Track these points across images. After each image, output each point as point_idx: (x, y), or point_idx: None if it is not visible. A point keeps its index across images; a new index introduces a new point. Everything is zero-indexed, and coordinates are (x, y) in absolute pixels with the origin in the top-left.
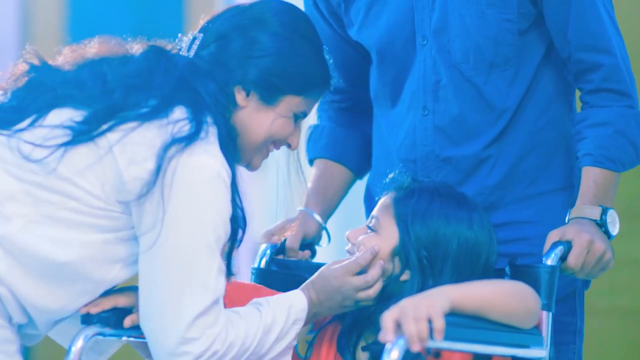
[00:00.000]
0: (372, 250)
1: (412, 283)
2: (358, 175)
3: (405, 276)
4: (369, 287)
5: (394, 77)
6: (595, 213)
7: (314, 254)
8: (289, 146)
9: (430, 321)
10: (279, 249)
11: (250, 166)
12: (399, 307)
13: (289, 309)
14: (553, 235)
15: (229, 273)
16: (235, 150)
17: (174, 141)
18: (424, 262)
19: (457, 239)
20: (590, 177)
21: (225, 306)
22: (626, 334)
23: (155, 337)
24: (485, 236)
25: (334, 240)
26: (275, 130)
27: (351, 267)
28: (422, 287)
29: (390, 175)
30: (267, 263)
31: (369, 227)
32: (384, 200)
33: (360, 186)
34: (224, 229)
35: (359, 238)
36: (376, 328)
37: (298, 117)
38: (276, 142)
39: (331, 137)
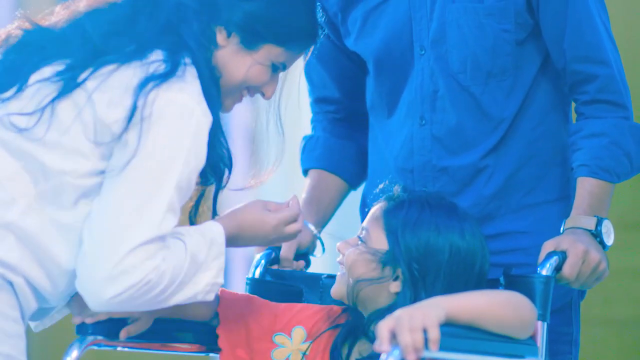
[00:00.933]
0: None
1: (405, 295)
2: (352, 186)
3: (395, 287)
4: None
5: (391, 87)
6: (591, 223)
7: (308, 264)
8: (263, 95)
9: (425, 331)
10: (274, 259)
11: (223, 107)
12: (394, 317)
13: (210, 241)
14: (548, 246)
15: (214, 214)
16: (218, 90)
17: (150, 79)
18: (415, 274)
19: (449, 249)
20: (586, 187)
21: (219, 316)
22: (621, 343)
23: (92, 262)
24: (478, 245)
25: (328, 250)
26: (251, 76)
27: (285, 216)
28: (415, 299)
29: (381, 186)
30: (262, 273)
31: (360, 239)
32: (374, 211)
33: (354, 196)
34: (195, 167)
35: (345, 252)
36: (369, 339)
37: (277, 67)
38: (250, 89)
39: (326, 148)
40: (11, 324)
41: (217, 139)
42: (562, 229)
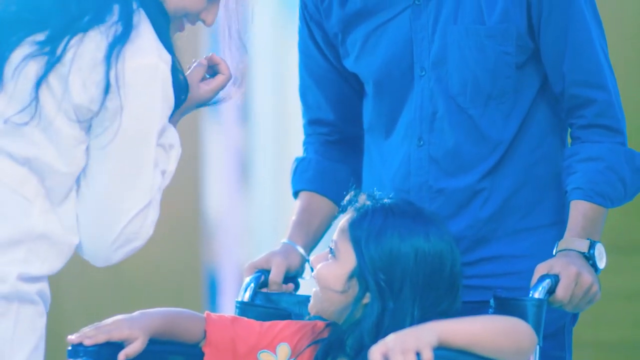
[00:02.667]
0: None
1: (372, 307)
2: (343, 209)
3: (367, 299)
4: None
5: (390, 108)
6: (583, 246)
7: (297, 286)
8: (204, 22)
9: (418, 354)
10: (263, 283)
11: None
12: (385, 342)
13: (169, 146)
14: (540, 269)
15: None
16: (167, 20)
17: (112, 46)
18: (381, 285)
19: (414, 253)
20: (579, 210)
21: (206, 337)
22: None
23: (94, 235)
24: (445, 247)
25: None
26: (187, 3)
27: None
28: (383, 310)
29: (348, 197)
30: (251, 296)
31: (331, 251)
32: (342, 223)
33: None
34: (168, 113)
35: (317, 266)
36: (346, 354)
37: None
38: (189, 17)
39: (317, 170)
40: (42, 343)
41: (174, 68)
42: (554, 251)
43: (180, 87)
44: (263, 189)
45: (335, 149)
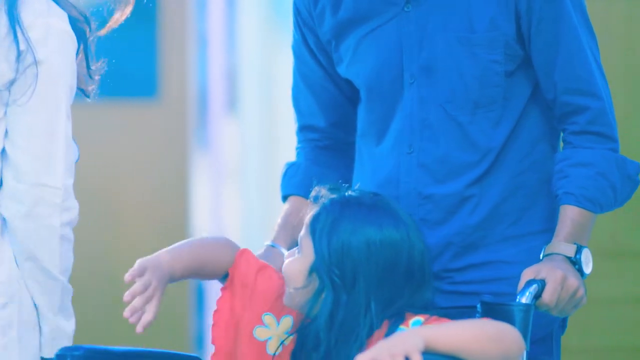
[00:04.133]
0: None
1: (326, 300)
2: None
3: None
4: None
5: (381, 115)
6: (570, 250)
7: None
8: None
9: (407, 358)
10: None
11: None
12: (373, 349)
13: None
14: (527, 274)
15: (89, 68)
16: None
17: (10, 16)
18: (334, 278)
19: (367, 244)
20: (568, 215)
21: (228, 277)
22: None
23: (36, 195)
24: (400, 236)
25: None
26: None
27: None
28: (336, 303)
29: (313, 193)
30: None
31: (297, 248)
32: (307, 218)
33: None
34: (73, 67)
35: (284, 262)
36: (315, 349)
37: None
38: None
39: (306, 175)
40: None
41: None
42: (541, 255)
43: (79, 20)
44: (251, 195)
45: (325, 155)
